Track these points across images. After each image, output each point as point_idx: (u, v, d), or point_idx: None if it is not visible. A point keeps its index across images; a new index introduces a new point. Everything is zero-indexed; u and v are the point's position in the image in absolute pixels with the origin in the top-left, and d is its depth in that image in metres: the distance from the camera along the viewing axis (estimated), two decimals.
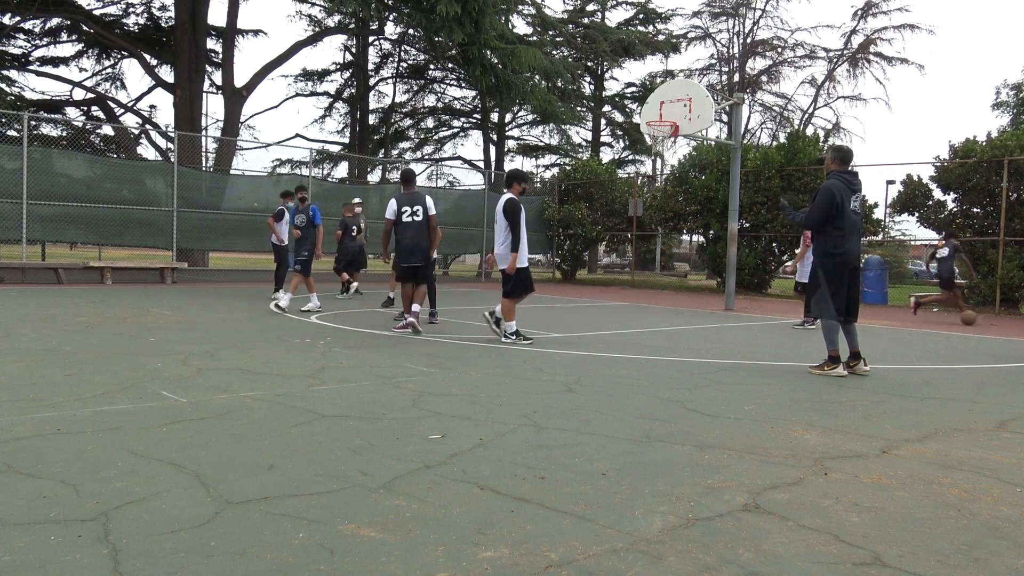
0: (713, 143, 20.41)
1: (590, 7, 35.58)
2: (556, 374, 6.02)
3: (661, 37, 35.17)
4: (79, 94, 26.29)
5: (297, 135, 33.26)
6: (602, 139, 37.21)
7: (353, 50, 30.92)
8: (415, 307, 8.54)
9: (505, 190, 8.16)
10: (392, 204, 8.68)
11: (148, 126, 26.62)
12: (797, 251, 13.97)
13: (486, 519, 2.74)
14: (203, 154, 23.17)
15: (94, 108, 26.59)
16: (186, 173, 17.51)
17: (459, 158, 35.96)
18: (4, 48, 24.49)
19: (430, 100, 35.00)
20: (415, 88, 34.35)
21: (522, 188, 8.13)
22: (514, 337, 7.94)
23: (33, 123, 17.84)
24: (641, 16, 35.84)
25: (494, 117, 33.65)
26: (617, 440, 3.96)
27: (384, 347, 7.30)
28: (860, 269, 6.85)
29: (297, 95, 31.89)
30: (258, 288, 15.42)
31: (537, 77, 25.24)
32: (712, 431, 4.24)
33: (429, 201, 8.71)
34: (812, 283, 6.77)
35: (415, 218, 8.61)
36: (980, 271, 16.25)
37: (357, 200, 15.55)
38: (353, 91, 31.48)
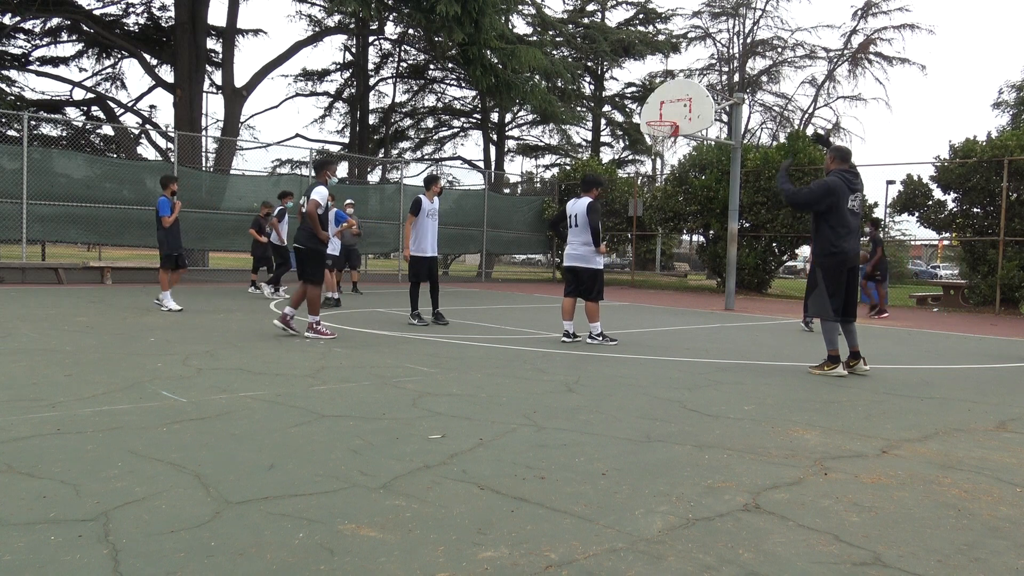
0: (713, 143, 20.41)
1: (590, 7, 35.56)
2: (556, 374, 6.02)
3: (661, 37, 35.15)
4: (79, 94, 26.34)
5: (297, 135, 33.30)
6: (602, 139, 37.20)
7: (353, 50, 30.91)
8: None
9: (582, 194, 8.32)
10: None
11: (148, 126, 26.65)
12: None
13: (486, 519, 2.74)
14: (203, 154, 23.17)
15: (94, 108, 26.60)
16: (186, 173, 17.50)
17: (459, 158, 35.99)
18: (4, 48, 24.50)
19: (430, 100, 35.03)
20: (415, 88, 34.35)
21: (598, 192, 8.43)
22: (601, 339, 8.07)
23: (33, 123, 17.85)
24: (641, 16, 35.83)
25: (494, 117, 33.64)
26: (617, 440, 3.96)
27: (384, 347, 7.30)
28: (858, 269, 6.83)
29: (297, 95, 31.92)
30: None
31: (537, 77, 25.23)
32: (712, 431, 4.24)
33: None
34: (810, 282, 6.74)
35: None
36: (981, 270, 16.25)
37: (349, 201, 15.69)
38: (353, 91, 31.48)
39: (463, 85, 32.77)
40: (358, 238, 15.34)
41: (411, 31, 28.43)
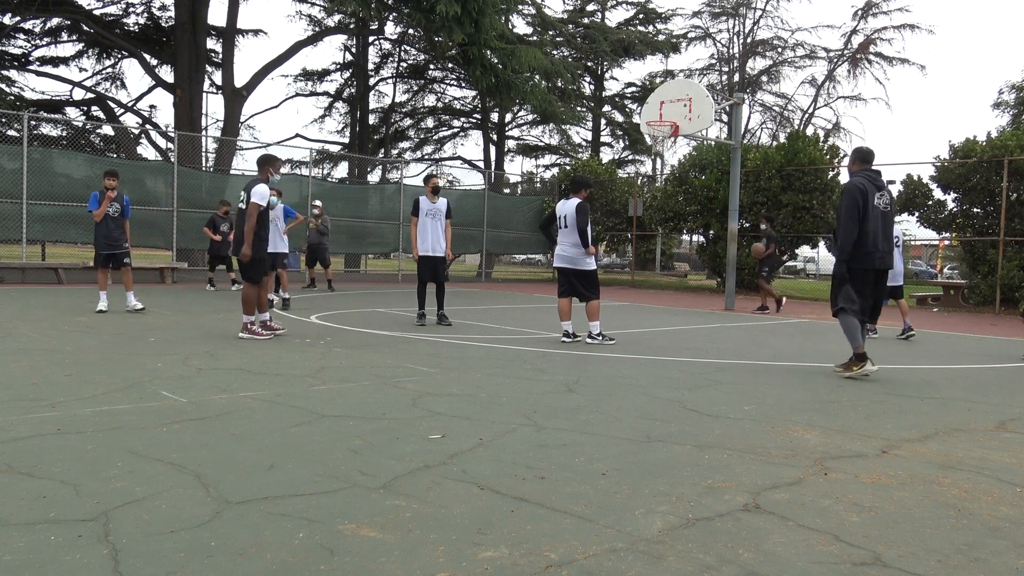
0: (713, 143, 20.41)
1: (590, 7, 35.55)
2: (556, 374, 6.02)
3: (661, 37, 35.13)
4: (79, 94, 26.32)
5: (297, 135, 33.25)
6: (602, 139, 37.19)
7: (353, 50, 30.89)
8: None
9: (571, 195, 8.38)
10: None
11: (148, 126, 26.64)
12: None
13: (486, 519, 2.74)
14: (203, 154, 23.18)
15: (94, 108, 26.58)
16: (186, 173, 17.51)
17: (459, 158, 35.95)
18: (4, 48, 24.49)
19: (430, 100, 35.00)
20: (415, 88, 34.32)
21: (588, 193, 8.46)
22: (600, 338, 8.07)
23: (33, 123, 17.84)
24: (641, 16, 35.81)
25: (494, 117, 33.63)
26: (617, 440, 3.96)
27: (384, 347, 7.30)
28: (887, 272, 6.46)
29: (297, 95, 31.88)
30: None
31: (537, 77, 25.23)
32: (712, 431, 4.24)
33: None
34: (838, 278, 6.42)
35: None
36: (981, 270, 16.26)
37: (318, 203, 15.80)
38: (353, 91, 31.45)
39: (463, 85, 32.76)
40: (324, 236, 15.34)
41: (411, 31, 28.41)
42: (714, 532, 2.69)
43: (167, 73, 24.53)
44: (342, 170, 32.95)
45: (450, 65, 30.62)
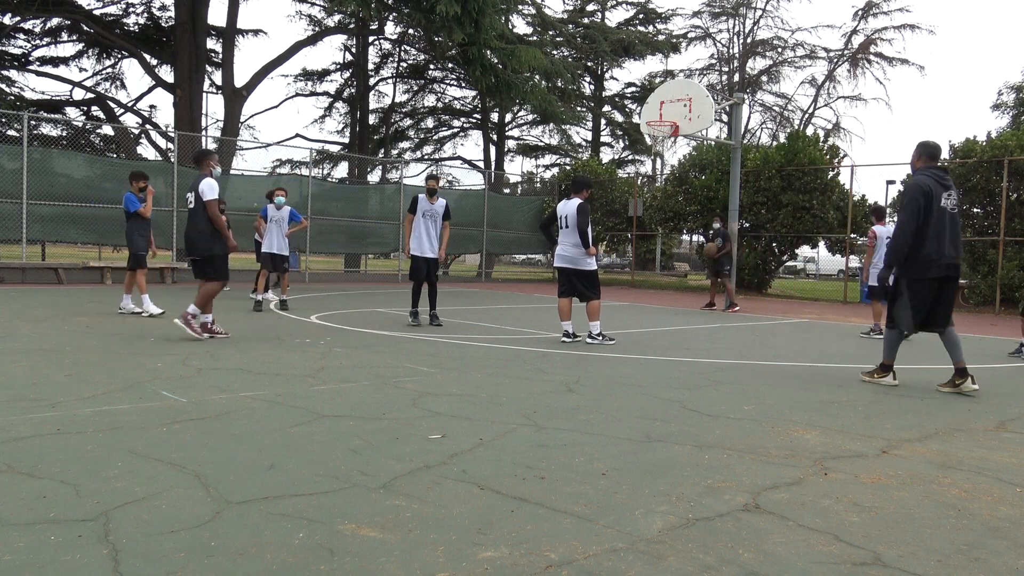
0: (713, 143, 20.42)
1: (590, 7, 35.55)
2: (556, 374, 6.02)
3: (661, 37, 35.13)
4: (79, 94, 26.32)
5: (297, 135, 33.27)
6: (602, 139, 37.19)
7: (353, 50, 30.88)
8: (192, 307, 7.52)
9: (572, 195, 8.38)
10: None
11: (148, 126, 26.64)
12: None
13: (486, 519, 2.74)
14: None
15: (94, 108, 26.59)
16: (186, 173, 17.49)
17: (459, 158, 35.96)
18: (4, 48, 24.49)
19: (430, 100, 34.99)
20: (415, 88, 34.32)
21: (588, 193, 8.45)
22: (600, 338, 8.07)
23: (33, 123, 17.83)
24: (641, 16, 35.82)
25: (494, 117, 33.62)
26: (617, 440, 3.96)
27: (384, 347, 7.30)
28: (957, 277, 5.84)
29: (297, 95, 31.87)
30: None
31: (537, 77, 25.23)
32: (712, 431, 4.24)
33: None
34: (894, 290, 5.90)
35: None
36: (981, 270, 16.25)
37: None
38: (353, 91, 31.45)
39: (463, 85, 32.76)
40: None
41: (411, 31, 28.42)
42: (714, 532, 2.69)
43: (167, 73, 24.54)
44: (342, 170, 32.96)
45: (450, 65, 30.63)
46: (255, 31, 36.36)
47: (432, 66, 32.51)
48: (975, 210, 16.61)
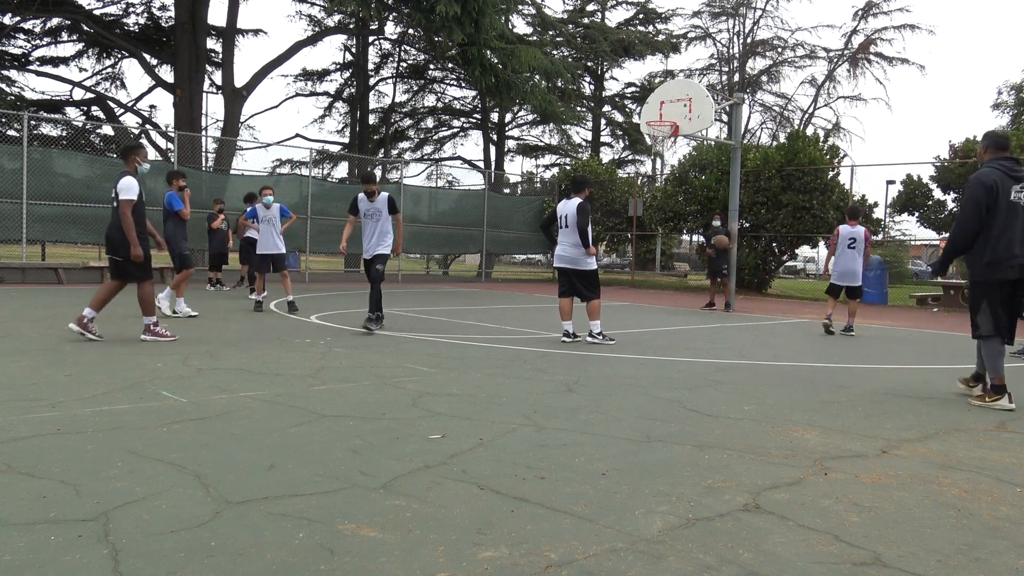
0: (713, 143, 20.41)
1: (590, 7, 35.55)
2: (556, 374, 6.02)
3: (661, 37, 35.13)
4: (79, 94, 26.33)
5: (297, 135, 33.28)
6: (602, 139, 37.19)
7: (353, 50, 30.88)
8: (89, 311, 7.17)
9: (572, 195, 8.37)
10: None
11: (148, 126, 26.65)
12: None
13: (486, 519, 2.74)
14: (203, 154, 23.18)
15: (94, 108, 26.60)
16: (186, 173, 17.49)
17: (459, 158, 35.97)
18: (4, 48, 24.49)
19: (430, 100, 34.99)
20: (415, 88, 34.32)
21: (589, 192, 8.47)
22: (601, 338, 8.07)
23: (33, 123, 17.84)
24: (641, 16, 35.82)
25: (494, 117, 33.62)
26: (617, 440, 3.96)
27: (384, 347, 7.30)
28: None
29: (297, 95, 31.88)
30: None
31: (537, 77, 25.23)
32: (712, 431, 4.24)
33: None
34: (972, 298, 5.37)
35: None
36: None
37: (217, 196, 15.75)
38: (353, 91, 31.45)
39: (463, 85, 32.76)
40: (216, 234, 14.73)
41: (411, 31, 28.42)
42: (714, 532, 2.69)
43: (167, 73, 24.55)
44: (342, 170, 32.97)
45: (450, 65, 30.62)
46: (255, 31, 36.34)
47: (432, 66, 32.52)
48: None
